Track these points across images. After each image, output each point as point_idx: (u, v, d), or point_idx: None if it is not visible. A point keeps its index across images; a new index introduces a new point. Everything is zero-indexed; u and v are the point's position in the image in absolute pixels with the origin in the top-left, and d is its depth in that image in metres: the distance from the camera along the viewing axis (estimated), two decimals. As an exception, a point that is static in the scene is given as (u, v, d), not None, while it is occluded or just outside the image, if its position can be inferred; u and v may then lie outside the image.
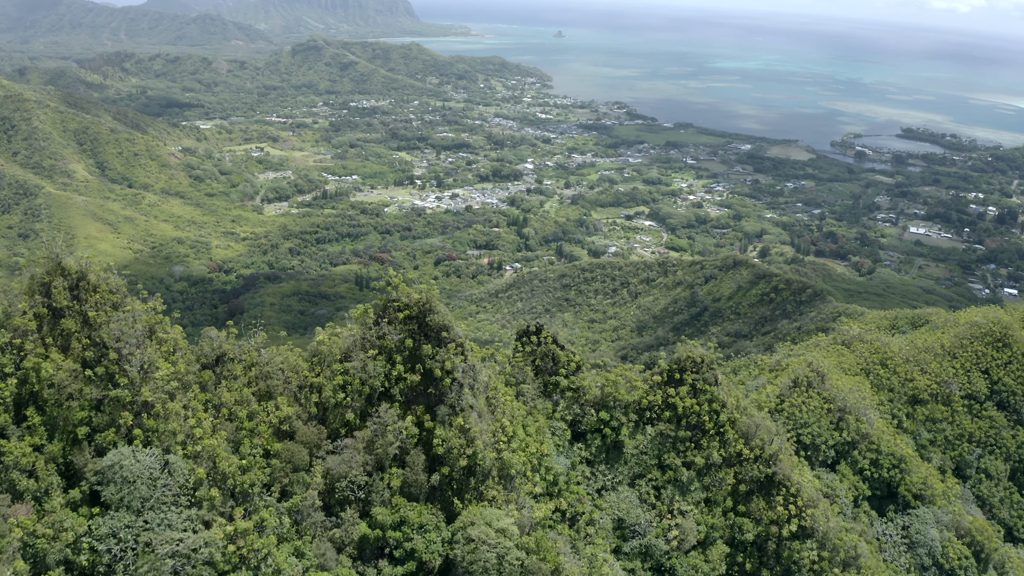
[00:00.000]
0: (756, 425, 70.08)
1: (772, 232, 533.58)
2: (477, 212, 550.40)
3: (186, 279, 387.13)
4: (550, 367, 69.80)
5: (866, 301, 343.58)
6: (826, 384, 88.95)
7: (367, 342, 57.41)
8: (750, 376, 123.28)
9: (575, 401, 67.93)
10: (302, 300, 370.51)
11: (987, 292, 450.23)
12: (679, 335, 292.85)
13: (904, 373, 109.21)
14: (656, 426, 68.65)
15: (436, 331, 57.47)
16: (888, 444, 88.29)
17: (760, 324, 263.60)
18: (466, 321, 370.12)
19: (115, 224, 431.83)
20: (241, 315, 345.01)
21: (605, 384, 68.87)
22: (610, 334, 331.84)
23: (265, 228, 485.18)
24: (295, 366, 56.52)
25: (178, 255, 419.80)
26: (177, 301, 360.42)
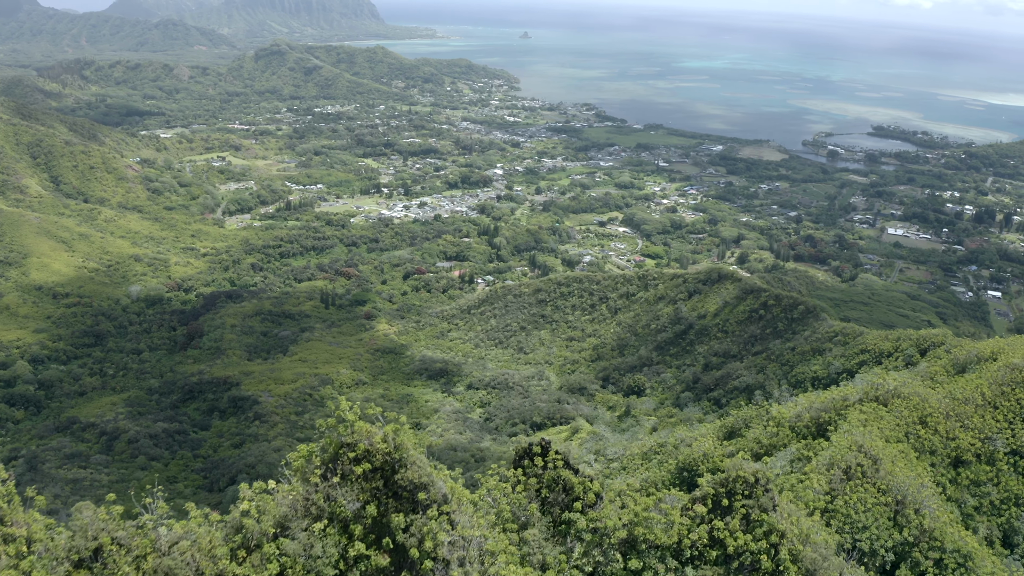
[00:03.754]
0: (823, 558, 55.39)
1: (749, 237, 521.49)
2: (446, 221, 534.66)
3: (143, 299, 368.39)
4: (561, 500, 54.40)
5: (854, 311, 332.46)
6: (880, 471, 74.65)
7: (312, 507, 41.58)
8: (765, 434, 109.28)
9: (596, 545, 52.62)
10: (265, 320, 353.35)
11: (970, 295, 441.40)
12: (663, 354, 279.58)
13: (945, 431, 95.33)
14: (700, 569, 53.78)
15: (410, 491, 42.07)
16: (953, 539, 74.05)
17: (750, 343, 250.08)
18: (438, 341, 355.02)
19: (69, 242, 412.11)
20: (200, 338, 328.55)
21: (634, 520, 53.49)
22: (590, 353, 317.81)
23: (226, 243, 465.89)
24: (210, 551, 40.50)
25: (135, 273, 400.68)
26: (134, 324, 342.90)
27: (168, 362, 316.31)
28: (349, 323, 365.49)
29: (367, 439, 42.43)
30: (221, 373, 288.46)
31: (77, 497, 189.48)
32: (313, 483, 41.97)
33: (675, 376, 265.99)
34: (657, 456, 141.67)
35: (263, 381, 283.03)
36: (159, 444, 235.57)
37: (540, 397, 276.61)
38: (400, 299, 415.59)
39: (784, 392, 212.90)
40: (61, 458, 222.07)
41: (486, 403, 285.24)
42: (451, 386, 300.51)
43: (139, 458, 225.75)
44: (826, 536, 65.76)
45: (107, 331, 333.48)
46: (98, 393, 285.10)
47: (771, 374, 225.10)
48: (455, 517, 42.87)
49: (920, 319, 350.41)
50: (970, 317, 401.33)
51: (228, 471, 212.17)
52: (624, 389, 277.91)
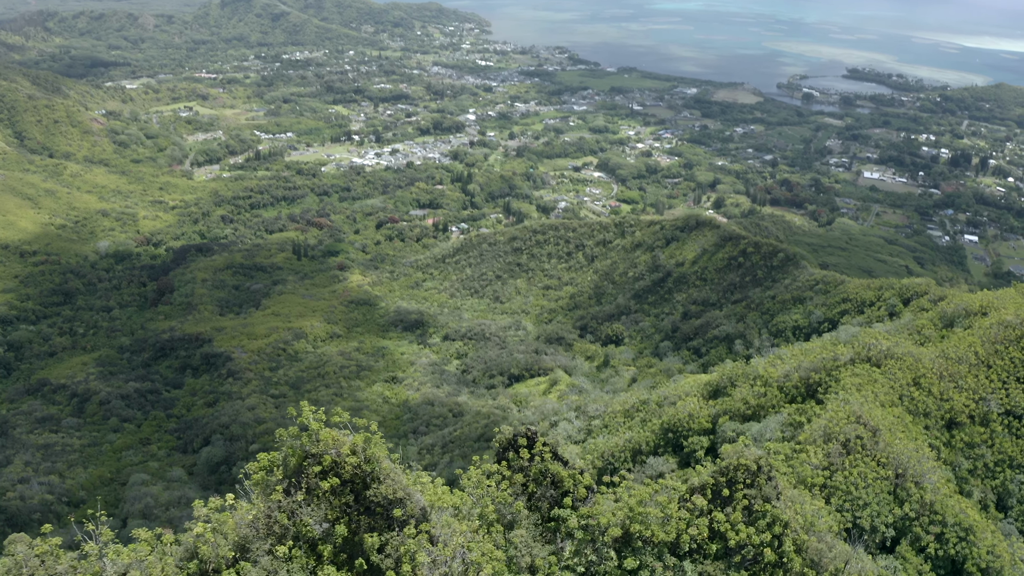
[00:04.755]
0: (828, 547, 52.11)
1: (725, 181, 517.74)
2: (419, 168, 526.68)
3: (112, 255, 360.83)
4: (550, 495, 50.40)
5: (832, 256, 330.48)
6: (879, 443, 71.41)
7: (275, 526, 37.35)
8: (753, 393, 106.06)
9: (588, 543, 48.79)
10: (236, 274, 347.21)
11: (947, 239, 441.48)
12: (641, 303, 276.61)
13: (939, 393, 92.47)
14: (699, 564, 50.28)
15: (385, 507, 37.97)
16: (954, 512, 71.24)
17: (729, 291, 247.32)
18: (413, 292, 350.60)
19: (35, 198, 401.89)
20: (171, 293, 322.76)
21: (629, 516, 49.57)
22: (567, 302, 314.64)
23: (195, 195, 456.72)
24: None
25: (103, 229, 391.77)
26: (103, 280, 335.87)
27: (139, 319, 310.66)
28: (322, 274, 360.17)
29: (334, 449, 38.20)
30: (193, 329, 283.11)
31: (48, 464, 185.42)
32: (275, 500, 37.69)
33: (653, 325, 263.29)
34: (640, 414, 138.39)
35: (236, 337, 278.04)
36: (131, 405, 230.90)
37: (517, 348, 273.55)
38: (373, 249, 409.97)
39: (765, 341, 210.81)
40: (32, 422, 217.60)
41: (463, 355, 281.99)
42: (427, 337, 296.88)
43: (111, 420, 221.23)
44: (828, 518, 62.73)
45: (76, 289, 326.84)
46: (68, 353, 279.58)
47: (751, 323, 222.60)
48: (435, 532, 38.89)
49: (898, 264, 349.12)
50: (947, 262, 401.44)
51: (202, 431, 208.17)
52: (602, 338, 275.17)
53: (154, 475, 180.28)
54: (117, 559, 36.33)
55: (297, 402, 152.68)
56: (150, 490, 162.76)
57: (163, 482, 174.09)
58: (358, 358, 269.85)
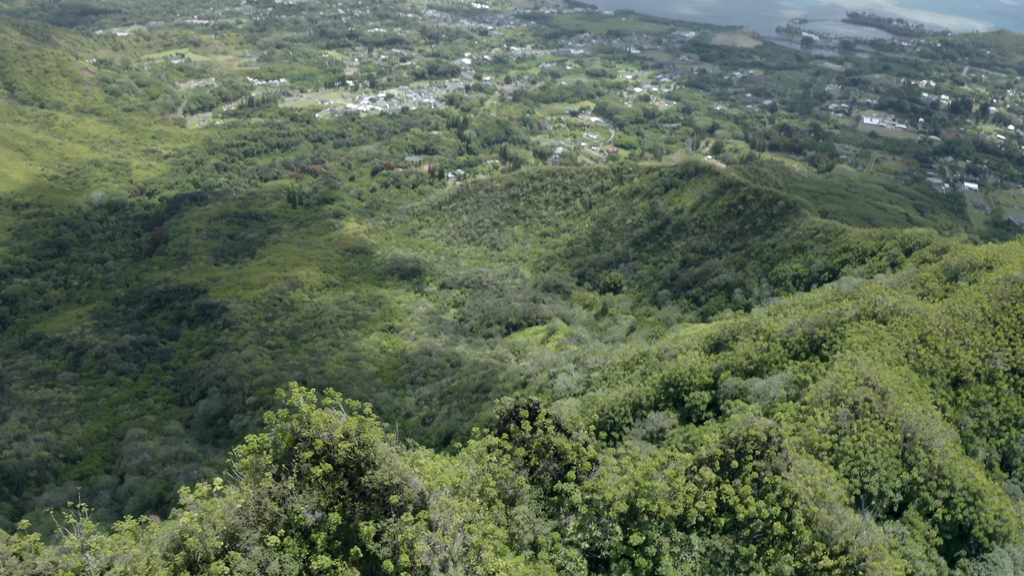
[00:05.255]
0: (839, 519, 50.62)
1: (724, 126, 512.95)
2: (414, 114, 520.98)
3: (105, 206, 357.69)
4: (553, 468, 48.66)
5: (831, 204, 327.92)
6: (888, 406, 69.81)
7: (265, 514, 35.55)
8: (755, 348, 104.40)
9: (593, 518, 47.19)
10: (231, 223, 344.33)
11: (947, 187, 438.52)
12: (640, 250, 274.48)
13: (945, 350, 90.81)
14: (707, 538, 48.80)
15: (381, 493, 36.16)
16: (962, 476, 69.92)
17: (728, 239, 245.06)
18: (409, 239, 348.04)
19: (27, 150, 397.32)
20: (165, 244, 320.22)
21: (635, 490, 47.84)
22: (564, 249, 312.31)
23: (188, 143, 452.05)
24: (148, 571, 34.43)
25: (96, 179, 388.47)
26: (97, 232, 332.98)
27: (133, 270, 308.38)
28: (317, 222, 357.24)
29: (326, 432, 36.33)
30: (188, 280, 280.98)
31: (45, 420, 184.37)
32: (266, 487, 35.90)
33: (652, 273, 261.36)
34: (639, 367, 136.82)
35: (231, 287, 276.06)
36: (127, 358, 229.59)
37: (515, 296, 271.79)
38: (369, 196, 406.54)
39: (764, 291, 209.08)
40: (28, 377, 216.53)
41: (460, 303, 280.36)
42: (423, 286, 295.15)
43: (107, 373, 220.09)
44: (836, 485, 61.34)
45: (70, 241, 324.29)
46: (63, 306, 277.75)
47: (751, 272, 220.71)
48: (434, 516, 37.19)
49: (898, 212, 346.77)
50: (947, 210, 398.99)
51: (199, 384, 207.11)
52: (600, 287, 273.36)
53: (151, 429, 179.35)
54: (100, 551, 34.69)
55: (294, 352, 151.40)
56: (147, 445, 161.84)
57: (160, 436, 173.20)
58: (355, 307, 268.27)
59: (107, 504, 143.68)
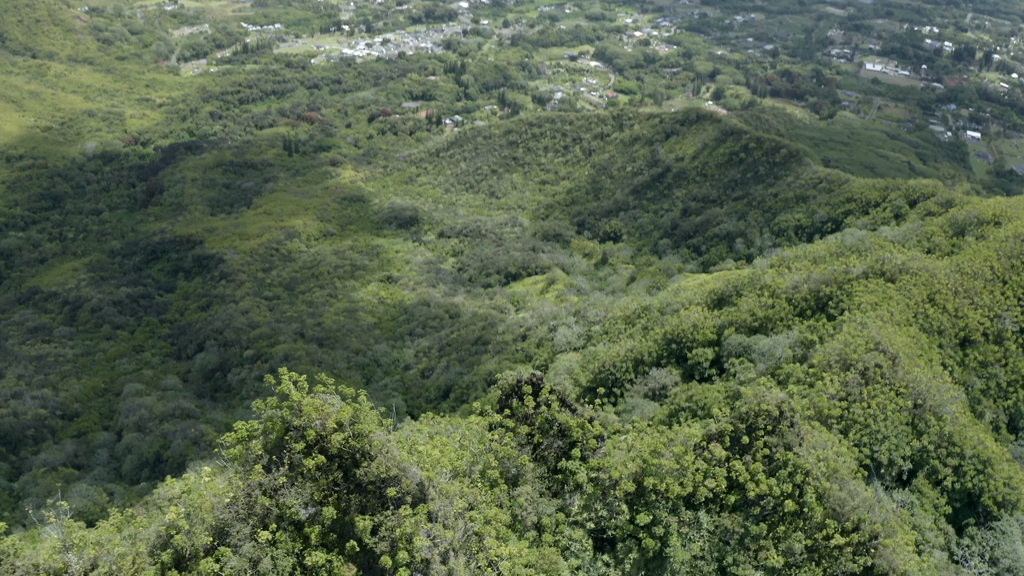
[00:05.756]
0: (851, 496, 49.13)
1: (725, 71, 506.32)
2: (411, 59, 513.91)
3: (99, 156, 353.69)
4: (557, 446, 47.01)
5: (833, 151, 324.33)
6: (898, 371, 68.14)
7: (256, 507, 33.82)
8: (760, 304, 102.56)
9: (598, 498, 45.61)
10: (227, 172, 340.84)
11: (949, 135, 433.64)
12: (640, 198, 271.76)
13: (954, 309, 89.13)
14: (715, 516, 47.33)
15: (377, 485, 34.42)
16: (972, 443, 68.56)
17: (730, 188, 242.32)
18: (407, 187, 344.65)
19: (19, 101, 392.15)
20: (161, 194, 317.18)
21: (643, 469, 46.15)
22: (564, 197, 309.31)
23: (183, 91, 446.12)
24: (134, 571, 32.71)
25: (90, 129, 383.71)
26: (91, 183, 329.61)
27: (129, 221, 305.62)
28: (314, 171, 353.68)
29: (318, 421, 34.49)
30: (184, 231, 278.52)
31: (41, 376, 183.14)
32: (256, 481, 34.17)
33: (652, 222, 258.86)
34: (641, 321, 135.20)
35: (228, 237, 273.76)
36: (124, 311, 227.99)
37: (514, 245, 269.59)
38: (366, 143, 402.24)
39: (766, 241, 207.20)
40: (24, 333, 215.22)
41: (458, 252, 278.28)
42: (422, 235, 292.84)
43: (104, 327, 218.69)
44: (847, 455, 59.93)
45: (64, 192, 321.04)
46: (59, 259, 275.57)
47: (752, 221, 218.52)
48: (434, 507, 35.51)
49: (900, 160, 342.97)
50: (950, 158, 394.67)
51: (196, 337, 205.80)
52: (600, 235, 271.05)
53: (148, 384, 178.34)
54: (82, 548, 33.13)
55: (292, 304, 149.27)
56: (144, 401, 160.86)
57: (158, 392, 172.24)
58: (352, 257, 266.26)
59: (105, 462, 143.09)
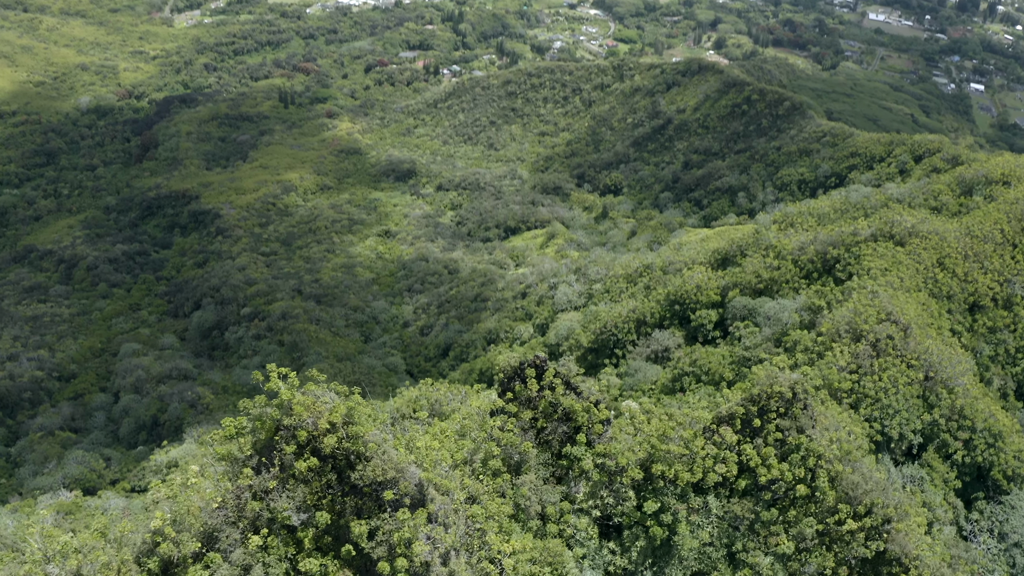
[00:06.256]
0: (865, 477, 47.54)
1: (727, 20, 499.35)
2: (408, 7, 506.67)
3: (93, 111, 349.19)
4: (561, 431, 45.26)
5: (836, 103, 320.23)
6: (910, 343, 66.31)
7: (245, 510, 32.10)
8: (765, 266, 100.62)
9: (605, 485, 43.99)
10: (222, 125, 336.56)
11: (953, 87, 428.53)
12: (641, 151, 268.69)
13: (963, 273, 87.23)
14: (725, 500, 45.76)
15: (374, 488, 32.66)
16: (983, 416, 67.03)
17: (732, 141, 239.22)
18: (405, 139, 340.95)
19: (11, 56, 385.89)
20: (155, 148, 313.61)
21: (651, 454, 44.39)
22: (563, 149, 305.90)
23: (176, 43, 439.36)
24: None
25: (83, 84, 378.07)
26: (86, 138, 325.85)
27: (124, 176, 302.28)
28: (310, 123, 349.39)
29: (310, 420, 32.63)
30: (179, 186, 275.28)
31: (38, 337, 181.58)
32: (245, 484, 32.43)
33: (653, 174, 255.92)
34: (643, 279, 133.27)
35: (224, 192, 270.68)
36: (119, 269, 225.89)
37: (513, 198, 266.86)
38: (362, 94, 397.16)
39: (769, 195, 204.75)
40: (20, 292, 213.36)
41: (457, 205, 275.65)
42: (420, 188, 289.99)
43: (100, 286, 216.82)
44: (858, 431, 58.43)
45: (59, 148, 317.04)
46: (54, 216, 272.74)
47: (755, 175, 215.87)
48: (434, 508, 33.82)
49: (903, 113, 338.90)
50: (953, 111, 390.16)
51: (192, 295, 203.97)
52: (600, 188, 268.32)
53: (145, 344, 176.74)
54: (65, 557, 31.45)
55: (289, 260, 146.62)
56: (141, 362, 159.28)
57: (155, 351, 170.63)
58: (350, 211, 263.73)
59: (102, 426, 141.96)
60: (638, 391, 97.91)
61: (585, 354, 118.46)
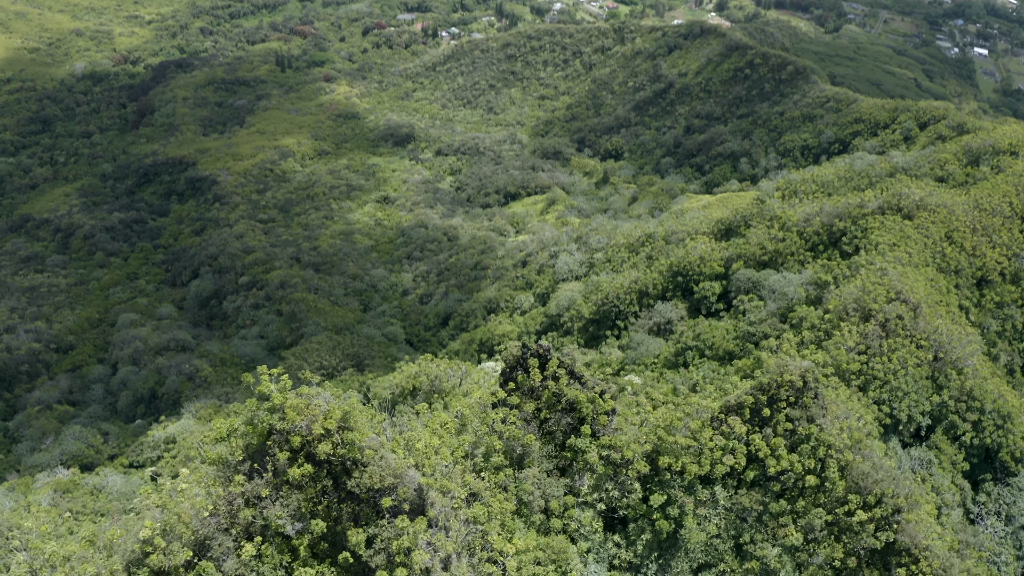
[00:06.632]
0: (876, 467, 46.39)
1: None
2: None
3: (89, 77, 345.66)
4: (565, 423, 43.98)
5: (839, 67, 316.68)
6: (920, 322, 64.95)
7: (239, 515, 30.86)
8: (769, 237, 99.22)
9: (610, 478, 42.82)
10: (218, 90, 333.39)
11: (956, 51, 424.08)
12: (642, 115, 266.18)
13: (971, 247, 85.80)
14: (732, 491, 44.62)
15: (371, 495, 31.41)
16: (992, 397, 65.86)
17: (735, 105, 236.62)
18: (403, 103, 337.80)
19: (5, 22, 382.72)
20: (152, 114, 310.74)
21: (657, 446, 43.15)
22: (564, 113, 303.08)
23: (172, 6, 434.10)
24: None
25: (78, 49, 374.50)
26: (81, 104, 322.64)
27: (120, 143, 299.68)
28: (307, 87, 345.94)
29: (303, 424, 31.27)
30: (176, 152, 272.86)
31: (35, 308, 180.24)
32: (237, 491, 31.14)
33: (654, 139, 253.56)
34: (645, 249, 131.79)
35: (221, 158, 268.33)
36: (116, 237, 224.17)
37: (513, 163, 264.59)
38: (360, 57, 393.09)
39: (771, 161, 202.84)
40: (16, 262, 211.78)
41: (456, 171, 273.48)
42: (418, 153, 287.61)
43: (97, 255, 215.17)
44: (867, 415, 57.32)
45: (54, 115, 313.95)
46: (50, 184, 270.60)
47: (757, 141, 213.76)
48: (434, 512, 32.58)
49: (907, 77, 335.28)
50: (956, 75, 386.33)
51: (190, 263, 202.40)
52: (601, 153, 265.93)
53: (143, 314, 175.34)
54: (53, 567, 30.25)
55: (287, 227, 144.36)
56: (139, 332, 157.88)
57: (152, 321, 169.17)
58: (348, 177, 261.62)
59: (100, 399, 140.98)
60: (640, 365, 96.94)
61: (587, 325, 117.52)
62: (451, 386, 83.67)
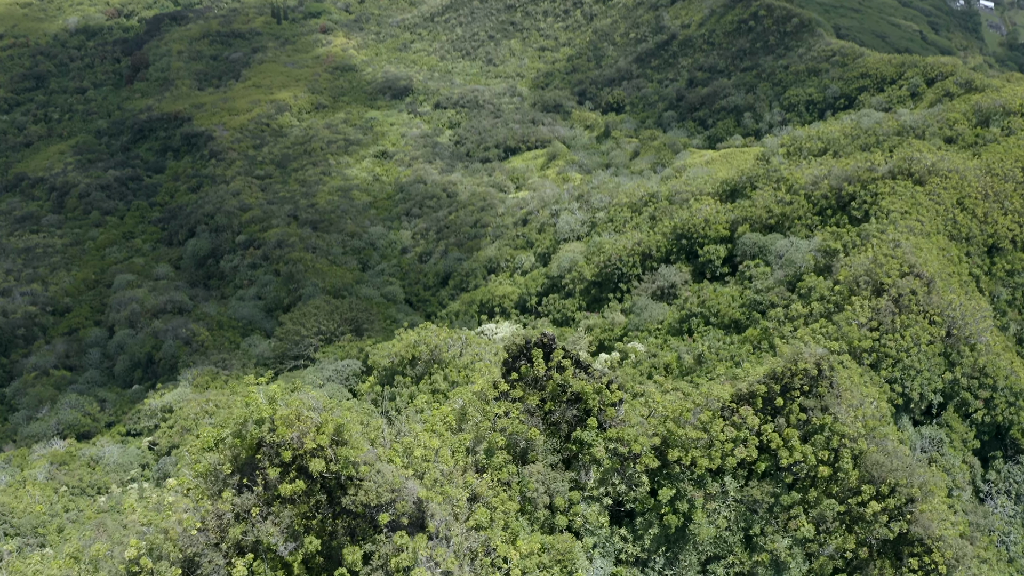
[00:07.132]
0: (889, 456, 45.00)
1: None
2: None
3: (82, 31, 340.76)
4: (570, 416, 42.42)
5: (844, 18, 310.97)
6: (933, 297, 63.28)
7: (229, 530, 29.39)
8: (776, 200, 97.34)
9: (617, 472, 41.37)
10: (214, 43, 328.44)
11: (962, 4, 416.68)
12: (644, 67, 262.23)
13: (983, 214, 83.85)
14: (744, 486, 43.25)
15: (367, 511, 29.89)
16: (1005, 374, 64.38)
17: (738, 58, 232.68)
18: (401, 55, 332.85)
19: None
20: (146, 69, 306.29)
21: (667, 439, 41.60)
22: (564, 65, 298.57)
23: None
24: None
25: (71, 3, 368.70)
26: (75, 60, 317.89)
27: (115, 99, 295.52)
28: (304, 39, 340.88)
29: (295, 436, 29.65)
30: (171, 108, 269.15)
31: (31, 270, 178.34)
32: (226, 508, 29.62)
33: (657, 92, 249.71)
34: (648, 209, 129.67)
35: (216, 113, 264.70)
36: (112, 195, 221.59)
37: (513, 117, 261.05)
38: (357, 8, 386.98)
39: (776, 116, 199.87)
40: (12, 223, 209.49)
41: (455, 124, 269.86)
42: (417, 106, 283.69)
43: (93, 214, 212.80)
44: (879, 397, 55.86)
45: (48, 72, 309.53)
46: (45, 142, 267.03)
47: (761, 95, 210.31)
48: (434, 525, 31.10)
49: (912, 29, 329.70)
50: (962, 28, 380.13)
51: (187, 222, 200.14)
52: (602, 106, 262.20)
53: (139, 274, 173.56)
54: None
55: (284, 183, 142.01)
56: (136, 294, 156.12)
57: (149, 282, 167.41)
58: (346, 131, 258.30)
59: (97, 363, 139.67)
60: (644, 331, 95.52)
61: (588, 287, 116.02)
62: (451, 356, 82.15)
